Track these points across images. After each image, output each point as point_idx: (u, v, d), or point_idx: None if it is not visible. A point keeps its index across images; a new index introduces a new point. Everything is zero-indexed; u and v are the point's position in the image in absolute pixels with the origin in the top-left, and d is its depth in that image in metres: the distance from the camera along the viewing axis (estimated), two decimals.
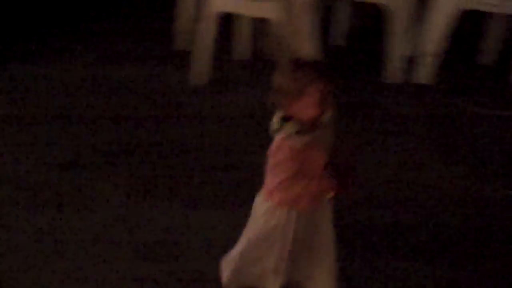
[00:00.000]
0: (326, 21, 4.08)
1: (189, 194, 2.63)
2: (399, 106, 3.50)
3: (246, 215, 2.00)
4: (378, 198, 2.68)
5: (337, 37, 4.21)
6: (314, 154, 1.89)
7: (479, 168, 2.92)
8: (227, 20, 3.66)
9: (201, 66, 3.58)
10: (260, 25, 3.80)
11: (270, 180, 1.94)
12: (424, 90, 3.65)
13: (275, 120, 1.88)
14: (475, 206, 2.65)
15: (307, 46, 3.46)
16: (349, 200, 2.15)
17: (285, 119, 1.86)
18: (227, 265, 2.13)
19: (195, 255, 2.32)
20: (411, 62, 3.71)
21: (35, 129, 3.02)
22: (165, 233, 2.41)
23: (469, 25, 3.79)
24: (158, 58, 3.89)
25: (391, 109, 3.46)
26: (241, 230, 2.02)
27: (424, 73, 3.68)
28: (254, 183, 1.98)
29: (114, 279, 2.18)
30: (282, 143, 1.86)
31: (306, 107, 1.83)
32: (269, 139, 1.87)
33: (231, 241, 2.07)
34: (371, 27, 4.10)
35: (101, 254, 2.28)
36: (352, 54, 4.12)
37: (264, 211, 1.99)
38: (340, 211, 2.02)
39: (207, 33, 3.49)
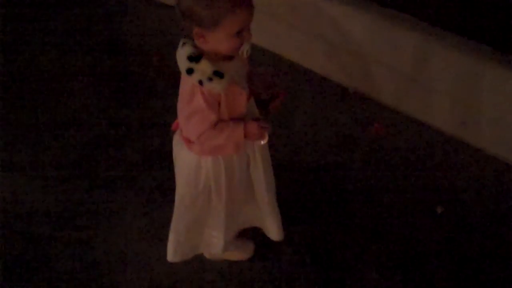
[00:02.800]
0: None
1: None
2: None
3: None
4: None
5: None
6: (234, 94, 1.63)
7: None
8: None
9: None
10: None
11: (187, 130, 1.69)
12: None
13: (182, 57, 1.58)
14: None
15: None
16: None
17: (194, 58, 1.55)
18: (170, 237, 1.98)
19: None
20: None
21: None
22: None
23: None
24: None
25: None
26: None
27: None
28: None
29: None
30: (196, 89, 1.57)
31: (223, 40, 1.53)
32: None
33: None
34: None
35: None
36: None
37: (188, 162, 1.76)
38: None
39: None
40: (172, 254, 2.00)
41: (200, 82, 1.55)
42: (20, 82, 3.05)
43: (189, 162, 1.77)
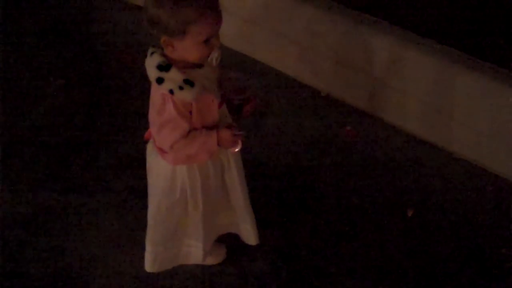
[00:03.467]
0: None
1: None
2: None
3: None
4: None
5: None
6: (206, 101, 1.62)
7: None
8: None
9: None
10: None
11: (160, 140, 1.68)
12: None
13: (151, 66, 1.56)
14: None
15: None
16: None
17: (163, 67, 1.54)
18: (147, 248, 1.95)
19: None
20: None
21: None
22: None
23: None
24: None
25: None
26: None
27: None
28: None
29: None
30: (167, 98, 1.56)
31: (191, 48, 1.52)
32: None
33: None
34: None
35: None
36: None
37: (163, 172, 1.75)
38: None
39: None
40: (150, 264, 1.98)
41: (171, 91, 1.54)
42: None
43: (164, 171, 1.76)
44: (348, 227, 2.35)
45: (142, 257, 2.02)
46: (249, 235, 2.04)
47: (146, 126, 1.78)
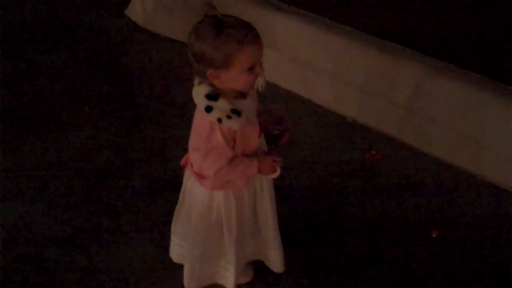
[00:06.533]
0: None
1: None
2: None
3: None
4: None
5: None
6: (249, 130, 1.69)
7: None
8: None
9: None
10: None
11: (203, 166, 1.72)
12: None
13: (199, 95, 1.63)
14: None
15: None
16: None
17: (212, 96, 1.61)
18: (185, 266, 2.02)
19: None
20: None
21: None
22: None
23: None
24: None
25: None
26: None
27: None
28: None
29: None
30: (215, 126, 1.63)
31: (237, 77, 1.59)
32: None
33: None
34: None
35: None
36: None
37: (201, 197, 1.82)
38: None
39: None
40: (187, 280, 2.03)
41: (219, 120, 1.61)
42: (29, 113, 3.16)
43: (202, 196, 1.83)
44: (373, 248, 2.39)
45: (173, 279, 2.12)
46: (276, 262, 2.08)
47: (174, 150, 1.85)
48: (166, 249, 2.21)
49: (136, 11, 4.01)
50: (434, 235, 2.42)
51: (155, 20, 3.89)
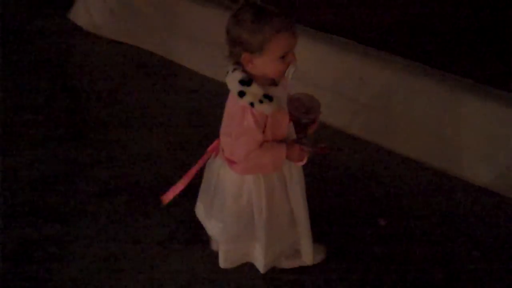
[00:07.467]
0: None
1: None
2: None
3: None
4: None
5: None
6: (279, 116, 1.76)
7: None
8: None
9: None
10: None
11: (235, 149, 1.81)
12: None
13: (233, 81, 1.72)
14: None
15: None
16: None
17: (245, 82, 1.70)
18: (220, 247, 2.11)
19: None
20: None
21: None
22: None
23: None
24: None
25: None
26: None
27: None
28: None
29: None
30: (247, 110, 1.71)
31: (269, 63, 1.69)
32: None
33: None
34: None
35: None
36: None
37: (232, 180, 1.90)
38: None
39: None
40: (223, 261, 2.13)
41: (251, 104, 1.69)
42: None
43: (233, 180, 1.90)
44: (320, 239, 2.38)
45: (127, 283, 2.14)
46: (308, 253, 2.17)
47: (123, 156, 1.82)
48: (116, 254, 2.19)
49: (80, 15, 3.96)
50: (382, 223, 2.46)
51: (99, 23, 3.84)
